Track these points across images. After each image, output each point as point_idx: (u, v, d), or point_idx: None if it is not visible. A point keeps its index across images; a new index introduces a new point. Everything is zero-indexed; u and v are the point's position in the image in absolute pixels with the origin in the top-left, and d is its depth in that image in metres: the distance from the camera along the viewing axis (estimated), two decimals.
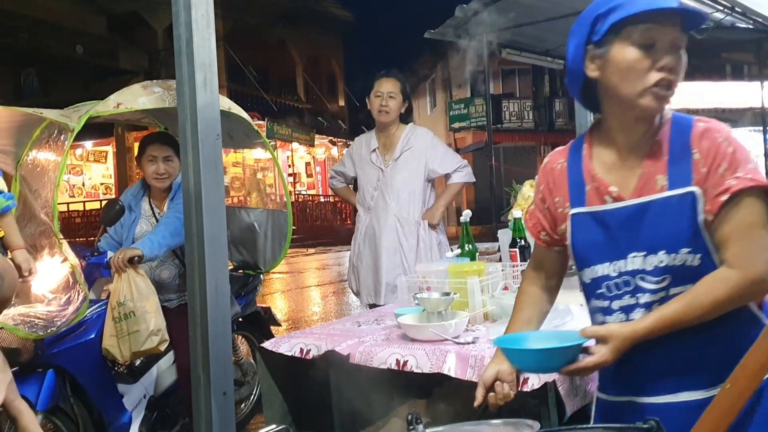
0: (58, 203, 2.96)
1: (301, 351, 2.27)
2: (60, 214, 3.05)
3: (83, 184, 24.19)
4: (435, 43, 21.39)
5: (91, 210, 21.16)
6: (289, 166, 24.99)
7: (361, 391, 2.18)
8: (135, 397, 3.27)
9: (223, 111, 2.31)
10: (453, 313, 2.24)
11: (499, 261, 3.15)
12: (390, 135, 3.89)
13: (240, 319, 3.97)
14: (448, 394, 2.16)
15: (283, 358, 2.31)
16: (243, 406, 4.00)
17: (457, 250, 2.95)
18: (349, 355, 2.14)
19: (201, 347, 1.84)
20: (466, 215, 2.99)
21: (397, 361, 2.06)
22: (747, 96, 19.92)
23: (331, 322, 2.81)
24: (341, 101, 31.40)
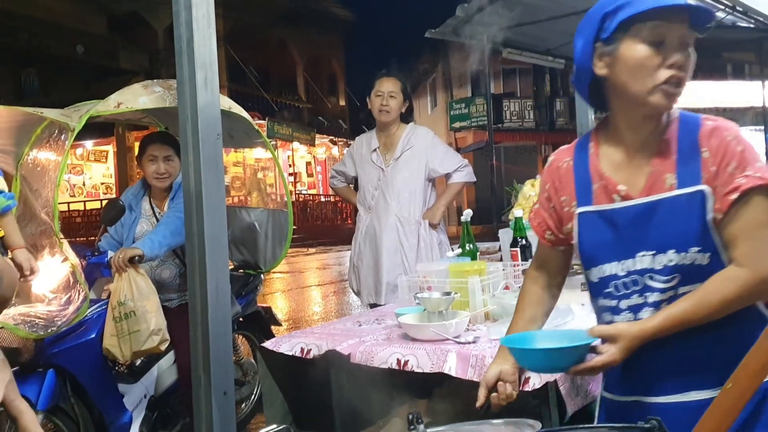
0: (59, 203, 2.96)
1: (302, 350, 2.27)
2: (60, 214, 3.05)
3: (84, 184, 24.20)
4: (436, 43, 21.41)
5: (92, 210, 21.16)
6: (289, 166, 25.00)
7: (361, 391, 2.18)
8: (135, 396, 3.27)
9: (223, 110, 2.31)
10: (454, 312, 2.24)
11: (500, 260, 3.15)
12: (391, 134, 3.88)
13: (240, 319, 3.97)
14: (449, 393, 2.15)
15: (283, 357, 2.31)
16: (243, 406, 4.00)
17: (458, 250, 2.95)
18: (349, 354, 2.14)
19: (202, 347, 1.84)
20: (467, 215, 2.99)
21: (398, 361, 2.06)
22: (748, 95, 19.90)
23: (332, 321, 2.80)
24: (342, 101, 31.40)
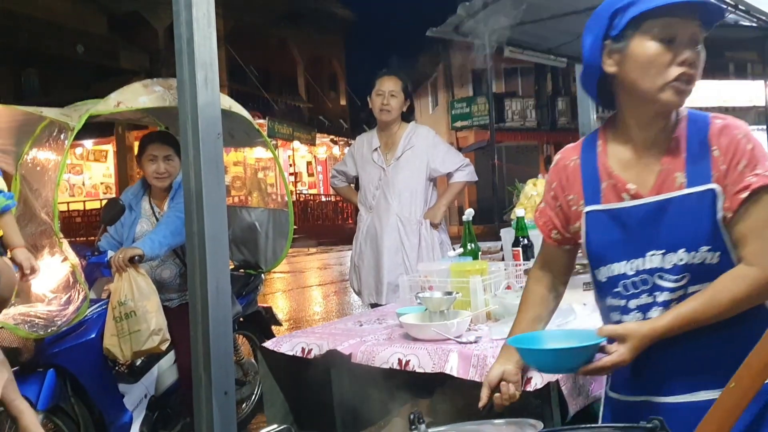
0: (59, 203, 2.96)
1: (303, 350, 2.26)
2: (60, 214, 3.04)
3: (83, 184, 24.21)
4: (437, 42, 21.43)
5: (92, 209, 21.17)
6: (290, 166, 25.00)
7: (362, 391, 2.17)
8: (136, 396, 3.27)
9: (224, 110, 2.30)
10: (455, 312, 2.23)
11: (502, 260, 3.14)
12: (392, 134, 3.87)
13: (241, 319, 3.97)
14: (450, 393, 2.15)
15: (284, 357, 2.30)
16: (244, 406, 4.00)
17: (460, 249, 2.94)
18: (350, 354, 2.13)
19: (202, 347, 1.83)
20: (469, 214, 2.98)
21: (399, 361, 2.05)
22: (750, 94, 19.89)
23: (333, 321, 2.80)
24: (342, 100, 31.41)
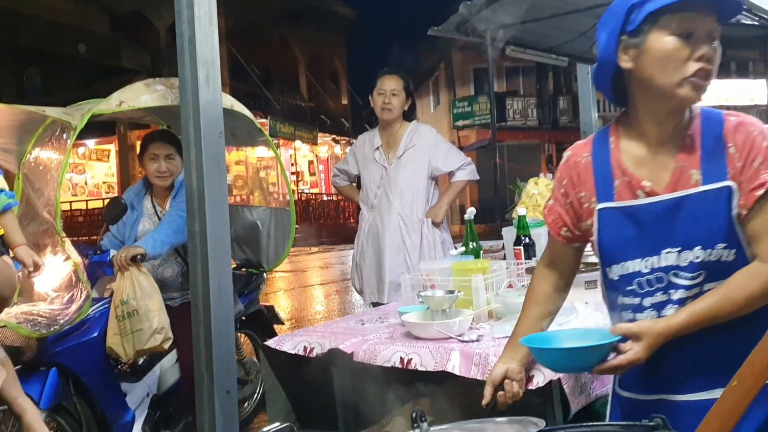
0: (61, 202, 2.96)
1: (305, 349, 2.26)
2: (62, 213, 3.05)
3: (86, 183, 24.24)
4: (438, 41, 21.40)
5: (94, 209, 21.19)
6: (291, 165, 25.00)
7: (364, 389, 2.17)
8: (138, 395, 3.27)
9: (225, 109, 2.31)
10: (457, 311, 2.23)
11: (504, 259, 3.14)
12: (393, 133, 3.87)
13: (243, 318, 3.97)
14: (452, 392, 2.15)
15: (286, 356, 2.30)
16: (246, 405, 4.00)
17: (461, 248, 2.94)
18: (352, 353, 2.13)
19: (204, 346, 1.84)
20: (470, 213, 2.98)
21: (401, 359, 2.05)
22: (752, 93, 19.87)
23: (335, 320, 2.80)
24: (344, 99, 31.40)
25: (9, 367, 2.61)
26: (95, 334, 3.05)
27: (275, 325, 4.27)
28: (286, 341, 2.33)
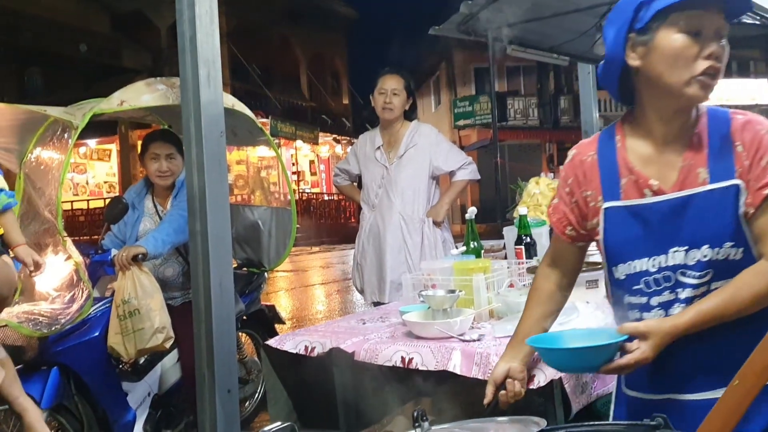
0: (62, 201, 2.96)
1: (306, 348, 2.26)
2: (64, 213, 3.05)
3: (87, 183, 24.26)
4: (439, 40, 21.39)
5: (95, 208, 21.20)
6: (293, 165, 24.99)
7: (365, 389, 2.17)
8: (139, 395, 3.27)
9: (226, 108, 2.30)
10: (458, 310, 2.23)
11: (505, 258, 3.14)
12: (394, 132, 3.87)
13: (244, 317, 3.97)
14: (453, 391, 2.15)
15: (287, 355, 2.30)
16: (247, 404, 4.00)
17: (463, 248, 2.94)
18: (353, 352, 2.13)
19: (205, 345, 1.84)
20: (471, 212, 2.98)
21: (402, 359, 2.05)
22: (754, 93, 19.86)
23: (336, 319, 2.80)
24: (345, 99, 31.39)
25: (9, 366, 2.62)
26: (96, 334, 3.06)
27: (276, 325, 4.27)
28: (287, 340, 2.33)
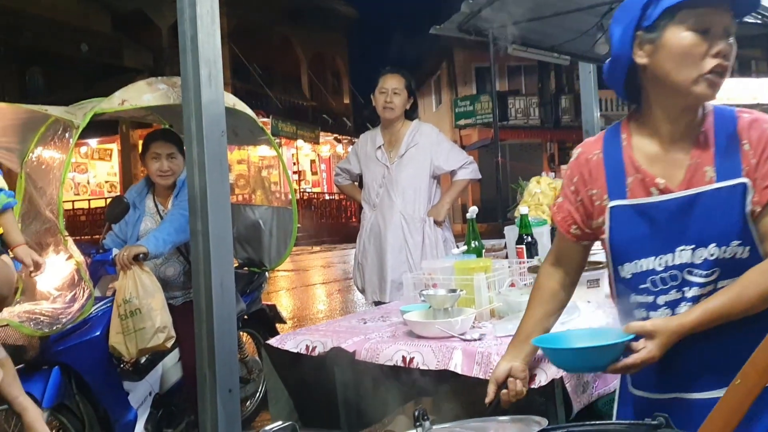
0: (63, 201, 2.96)
1: (307, 348, 2.26)
2: (65, 212, 3.05)
3: (88, 182, 24.28)
4: (440, 40, 21.40)
5: (96, 208, 21.22)
6: (293, 164, 25.00)
7: (367, 388, 2.17)
8: (140, 394, 3.27)
9: (227, 107, 2.30)
10: (459, 309, 2.23)
11: (506, 258, 3.14)
12: (395, 132, 3.87)
13: (245, 317, 3.97)
14: (454, 390, 2.15)
15: (288, 354, 2.30)
16: (248, 404, 4.00)
17: (464, 247, 2.93)
18: (354, 351, 2.13)
19: (206, 344, 1.84)
20: (472, 212, 2.98)
21: (403, 358, 2.05)
22: (755, 92, 19.81)
23: (337, 319, 2.80)
24: (346, 98, 31.38)
25: (9, 366, 2.62)
26: (98, 333, 3.06)
27: (277, 324, 4.27)
28: (288, 340, 2.33)
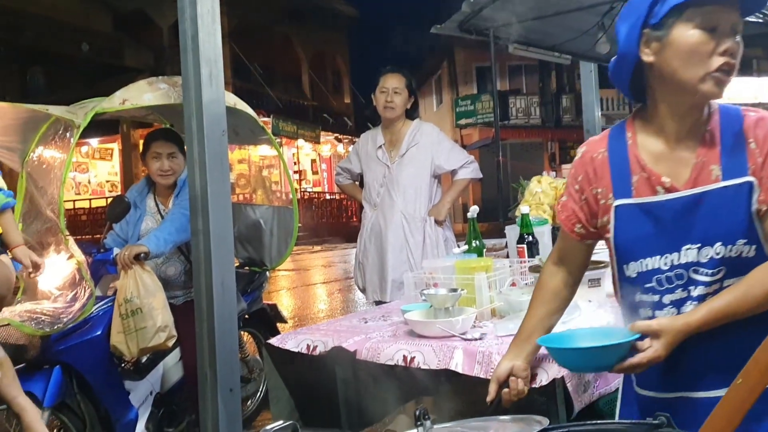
0: (64, 200, 2.97)
1: (308, 347, 2.26)
2: (66, 212, 3.05)
3: (89, 182, 24.28)
4: (441, 39, 21.40)
5: (97, 207, 21.23)
6: (294, 164, 25.00)
7: (367, 387, 2.17)
8: (141, 393, 3.28)
9: (228, 107, 2.30)
10: (460, 309, 2.23)
11: (507, 257, 3.13)
12: (396, 131, 3.87)
13: (246, 316, 3.97)
14: (455, 390, 2.15)
15: (289, 354, 2.30)
16: (249, 403, 4.00)
17: (464, 246, 2.93)
18: (355, 351, 2.13)
19: (207, 344, 1.84)
20: (473, 211, 2.97)
21: (404, 357, 2.05)
22: (756, 91, 19.81)
23: (338, 318, 2.80)
24: (347, 98, 31.37)
25: (8, 366, 2.62)
26: (99, 333, 3.06)
27: (278, 324, 4.27)
28: (289, 339, 2.33)
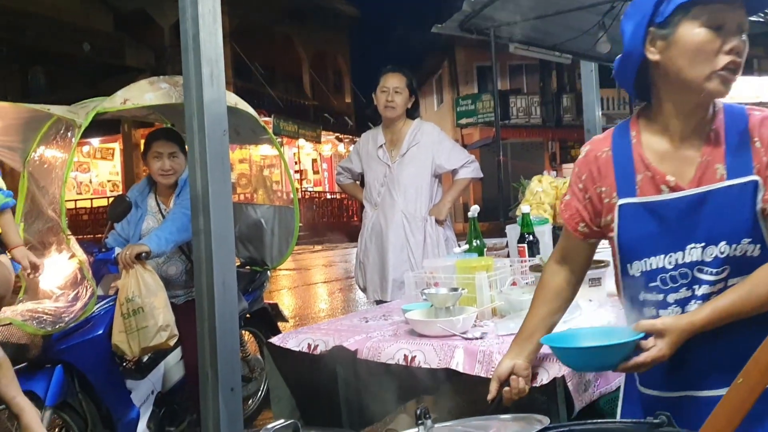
0: (66, 200, 2.97)
1: (309, 346, 2.26)
2: (67, 212, 3.05)
3: (90, 182, 24.30)
4: (442, 38, 21.40)
5: (99, 207, 21.25)
6: (295, 163, 25.01)
7: (368, 386, 2.18)
8: (143, 393, 3.28)
9: (229, 107, 2.31)
10: (461, 308, 2.23)
11: (508, 256, 3.14)
12: (396, 130, 3.87)
13: (247, 316, 3.98)
14: (456, 389, 2.15)
15: (290, 353, 2.30)
16: (250, 402, 4.01)
17: (465, 246, 2.93)
18: (356, 350, 2.13)
19: (209, 343, 1.84)
20: (474, 210, 2.98)
21: (405, 357, 2.05)
22: (757, 91, 19.81)
23: (339, 317, 2.80)
24: (348, 97, 31.37)
25: (7, 366, 2.62)
26: (100, 332, 3.06)
27: (279, 323, 4.27)
28: (290, 338, 2.33)
